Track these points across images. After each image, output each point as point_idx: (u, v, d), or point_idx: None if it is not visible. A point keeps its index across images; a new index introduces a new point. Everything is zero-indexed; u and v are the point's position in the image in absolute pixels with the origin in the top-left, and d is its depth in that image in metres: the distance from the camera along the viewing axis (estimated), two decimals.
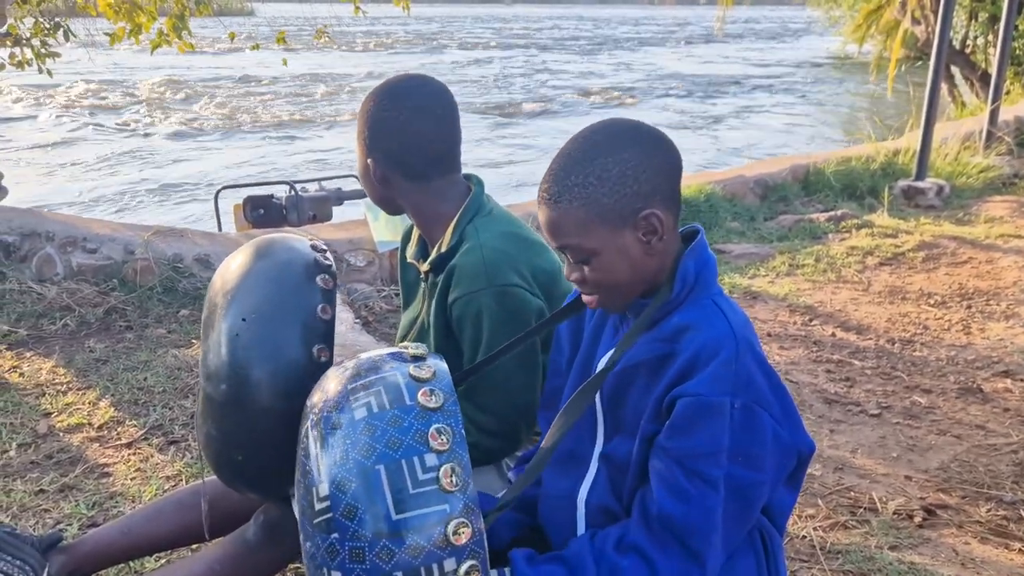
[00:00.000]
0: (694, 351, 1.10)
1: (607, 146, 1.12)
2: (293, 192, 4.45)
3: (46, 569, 1.62)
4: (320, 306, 1.36)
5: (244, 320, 1.33)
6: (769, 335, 3.37)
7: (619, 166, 1.10)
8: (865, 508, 2.17)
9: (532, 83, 18.11)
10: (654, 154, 1.13)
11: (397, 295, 3.72)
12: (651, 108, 14.86)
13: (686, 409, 1.08)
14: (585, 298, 1.19)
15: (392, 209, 1.63)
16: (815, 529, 2.07)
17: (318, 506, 1.03)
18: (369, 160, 1.55)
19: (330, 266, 1.40)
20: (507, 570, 1.13)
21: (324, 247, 1.45)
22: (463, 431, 1.05)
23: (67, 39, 5.31)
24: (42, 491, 2.17)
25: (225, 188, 4.85)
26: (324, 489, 1.02)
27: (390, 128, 1.53)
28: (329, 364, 1.35)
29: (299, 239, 1.45)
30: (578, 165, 1.12)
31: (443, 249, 1.55)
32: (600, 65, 22.73)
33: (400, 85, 1.56)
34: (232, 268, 1.41)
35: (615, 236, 1.12)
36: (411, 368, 1.10)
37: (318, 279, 1.38)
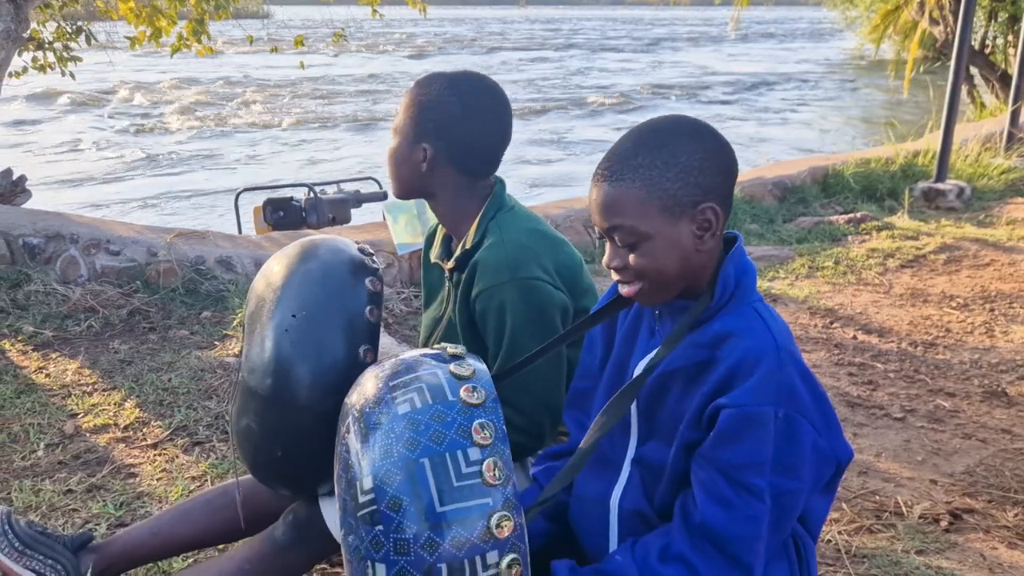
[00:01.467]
0: (736, 360, 1.09)
1: (676, 135, 1.12)
2: (312, 194, 4.48)
3: (77, 568, 1.63)
4: (368, 308, 1.38)
5: (294, 317, 1.35)
6: None
7: (687, 155, 1.10)
8: (891, 512, 2.16)
9: (566, 84, 18.08)
10: (718, 152, 1.13)
11: (416, 297, 3.73)
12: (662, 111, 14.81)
13: (730, 420, 1.07)
14: (623, 289, 1.17)
15: (416, 194, 1.61)
16: (840, 533, 2.06)
17: (362, 499, 1.03)
18: (425, 145, 1.53)
19: (377, 269, 1.42)
20: None
21: (371, 251, 1.46)
22: (504, 428, 1.06)
23: (89, 43, 5.36)
24: (70, 491, 2.19)
25: (245, 190, 4.88)
26: (368, 483, 1.03)
27: (459, 121, 1.53)
28: None
29: (345, 241, 1.46)
30: (646, 147, 1.12)
31: (467, 245, 1.56)
32: (635, 64, 22.69)
33: (470, 81, 1.57)
34: (280, 267, 1.43)
35: (670, 224, 1.11)
36: (452, 366, 1.11)
37: (366, 281, 1.40)
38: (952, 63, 5.75)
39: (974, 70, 10.70)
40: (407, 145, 1.56)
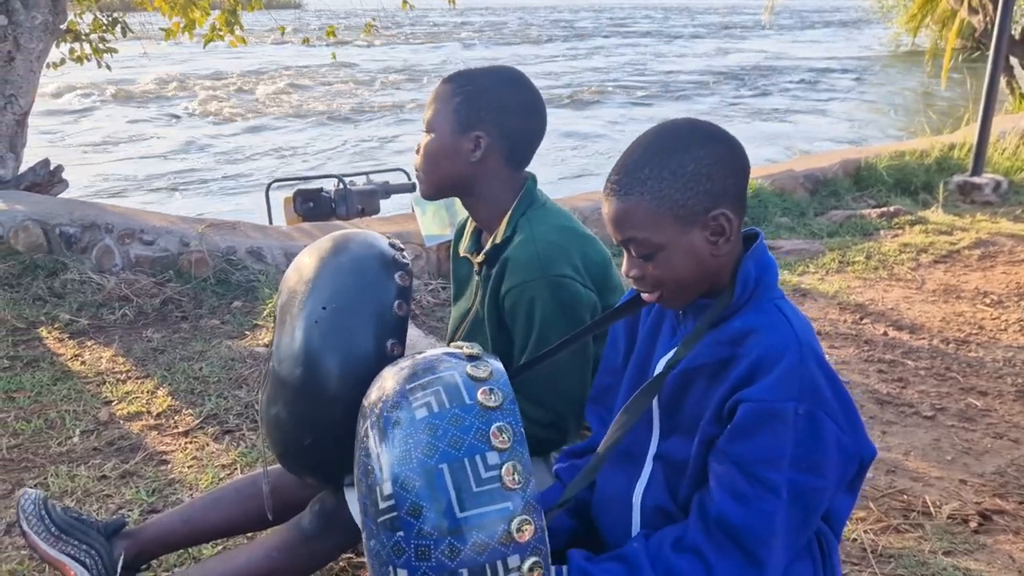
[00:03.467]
0: (758, 356, 1.09)
1: (682, 142, 1.12)
2: (342, 186, 4.51)
3: (111, 554, 1.68)
4: (396, 302, 1.40)
5: (324, 308, 1.37)
6: (819, 333, 3.32)
7: (694, 163, 1.10)
8: (918, 512, 2.14)
9: (641, 71, 17.89)
10: (727, 155, 1.13)
11: (444, 289, 3.75)
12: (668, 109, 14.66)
13: (749, 414, 1.08)
14: (645, 296, 1.18)
15: (452, 190, 1.60)
16: (866, 532, 2.05)
17: (382, 504, 1.04)
18: (478, 134, 1.52)
19: (407, 264, 1.44)
20: (565, 568, 1.15)
21: (401, 245, 1.48)
22: (523, 430, 1.06)
23: (124, 35, 5.43)
24: (104, 477, 2.24)
25: (275, 182, 4.93)
26: (387, 488, 1.04)
27: (517, 111, 1.54)
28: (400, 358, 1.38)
29: (377, 236, 1.49)
30: (653, 158, 1.12)
31: (497, 240, 1.56)
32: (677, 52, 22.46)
33: (515, 73, 1.58)
34: (312, 260, 1.46)
35: (683, 233, 1.11)
36: (468, 367, 1.11)
37: (396, 276, 1.42)
38: (991, 53, 5.63)
39: (1014, 60, 10.46)
40: (452, 137, 1.54)
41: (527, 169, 1.66)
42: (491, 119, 1.53)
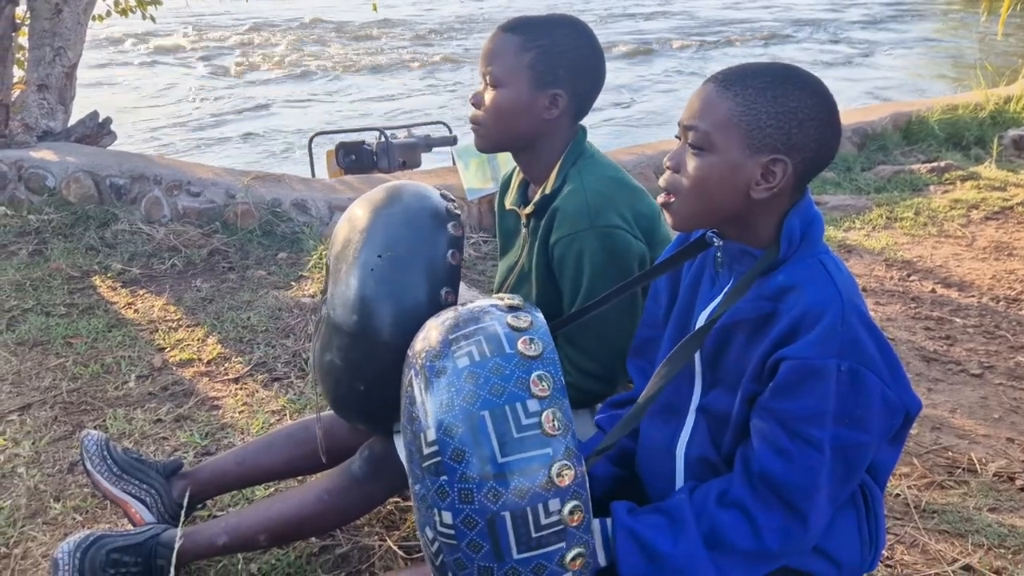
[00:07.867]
0: (799, 312, 1.09)
1: (802, 85, 1.11)
2: (383, 139, 4.52)
3: (169, 493, 1.74)
4: (450, 251, 1.43)
5: (380, 256, 1.40)
6: (865, 290, 3.28)
7: (796, 103, 1.10)
8: (963, 469, 2.13)
9: (635, 25, 17.57)
10: (827, 124, 1.12)
11: (485, 243, 3.77)
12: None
13: (791, 372, 1.08)
14: (659, 198, 1.19)
15: (514, 144, 1.59)
16: (910, 487, 2.04)
17: (426, 450, 1.07)
18: (557, 92, 1.51)
19: (459, 214, 1.46)
20: (608, 520, 1.17)
21: (452, 197, 1.50)
22: (562, 378, 1.08)
23: None
24: (160, 420, 2.32)
25: (318, 135, 4.96)
26: (432, 434, 1.07)
27: (589, 68, 1.54)
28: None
29: (428, 187, 1.50)
30: (768, 77, 1.11)
31: (547, 191, 1.56)
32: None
33: (582, 24, 1.57)
34: (365, 210, 1.48)
35: (741, 154, 1.11)
36: (509, 318, 1.13)
37: (449, 226, 1.44)
38: None
39: None
40: (529, 93, 1.52)
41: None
42: (568, 77, 1.52)
